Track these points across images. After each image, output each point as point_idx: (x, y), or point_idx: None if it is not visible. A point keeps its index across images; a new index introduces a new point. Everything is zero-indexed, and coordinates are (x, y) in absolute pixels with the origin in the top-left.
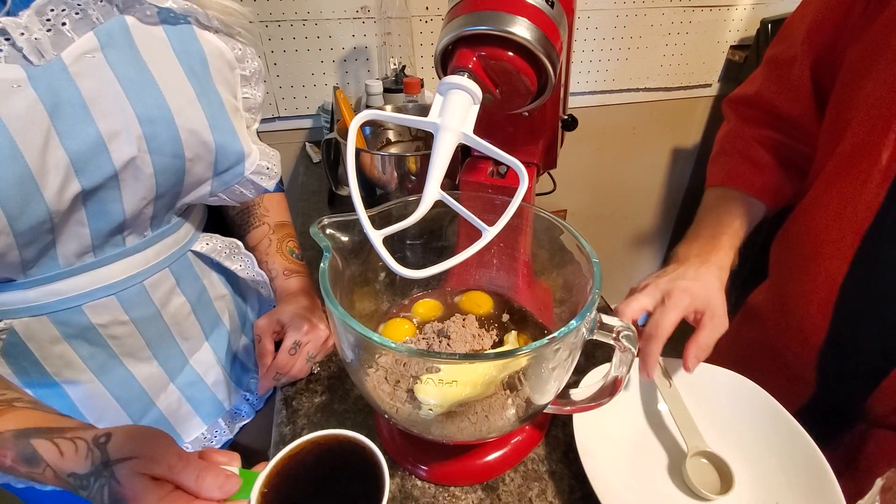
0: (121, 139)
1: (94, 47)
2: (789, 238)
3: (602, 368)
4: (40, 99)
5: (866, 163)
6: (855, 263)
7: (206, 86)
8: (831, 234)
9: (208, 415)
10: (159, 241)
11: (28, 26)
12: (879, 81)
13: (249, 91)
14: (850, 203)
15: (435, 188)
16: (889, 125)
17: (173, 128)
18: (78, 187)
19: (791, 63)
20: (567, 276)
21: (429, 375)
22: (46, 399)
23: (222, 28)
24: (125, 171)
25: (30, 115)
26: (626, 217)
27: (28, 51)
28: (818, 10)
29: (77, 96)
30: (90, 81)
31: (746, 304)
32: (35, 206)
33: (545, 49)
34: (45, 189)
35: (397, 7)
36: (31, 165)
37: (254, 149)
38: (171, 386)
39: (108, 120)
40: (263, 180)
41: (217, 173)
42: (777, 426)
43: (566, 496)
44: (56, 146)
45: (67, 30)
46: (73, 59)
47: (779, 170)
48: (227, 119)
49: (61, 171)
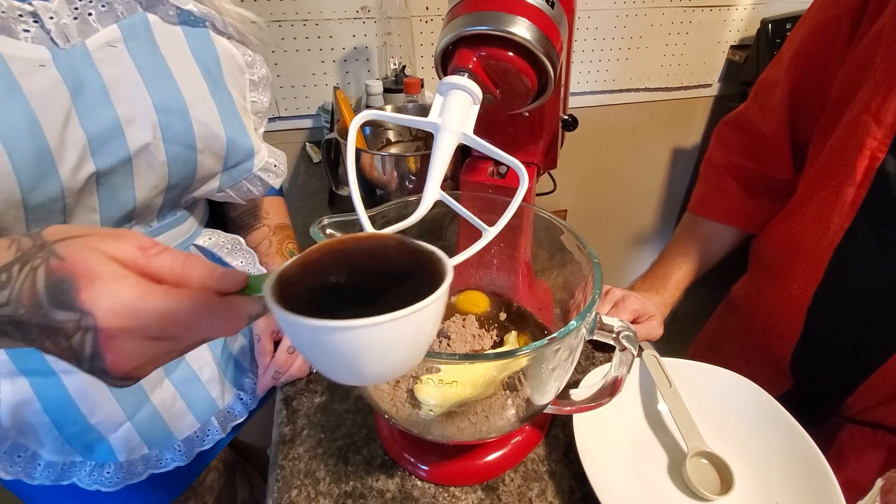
0: (137, 125)
1: (116, 38)
2: (769, 241)
3: (602, 368)
4: (63, 80)
5: (840, 179)
6: (828, 274)
7: (218, 85)
8: (806, 245)
9: (202, 413)
10: (164, 233)
11: (58, 11)
12: (859, 102)
13: (257, 96)
14: (825, 216)
15: (435, 188)
16: (863, 144)
17: (187, 118)
18: (93, 167)
19: (775, 86)
20: (567, 276)
21: (429, 375)
22: (43, 388)
23: (235, 35)
24: (139, 157)
25: (52, 94)
26: (626, 217)
27: (55, 34)
28: (804, 36)
29: (98, 81)
30: (111, 68)
31: (729, 296)
32: (50, 182)
33: (545, 49)
34: (62, 166)
35: (397, 7)
36: (49, 141)
37: (262, 146)
38: (165, 381)
39: (126, 106)
40: (271, 178)
41: (227, 168)
42: (777, 426)
43: (566, 496)
44: (75, 126)
45: (93, 20)
46: (97, 46)
47: (746, 197)
48: (238, 116)
49: (78, 150)
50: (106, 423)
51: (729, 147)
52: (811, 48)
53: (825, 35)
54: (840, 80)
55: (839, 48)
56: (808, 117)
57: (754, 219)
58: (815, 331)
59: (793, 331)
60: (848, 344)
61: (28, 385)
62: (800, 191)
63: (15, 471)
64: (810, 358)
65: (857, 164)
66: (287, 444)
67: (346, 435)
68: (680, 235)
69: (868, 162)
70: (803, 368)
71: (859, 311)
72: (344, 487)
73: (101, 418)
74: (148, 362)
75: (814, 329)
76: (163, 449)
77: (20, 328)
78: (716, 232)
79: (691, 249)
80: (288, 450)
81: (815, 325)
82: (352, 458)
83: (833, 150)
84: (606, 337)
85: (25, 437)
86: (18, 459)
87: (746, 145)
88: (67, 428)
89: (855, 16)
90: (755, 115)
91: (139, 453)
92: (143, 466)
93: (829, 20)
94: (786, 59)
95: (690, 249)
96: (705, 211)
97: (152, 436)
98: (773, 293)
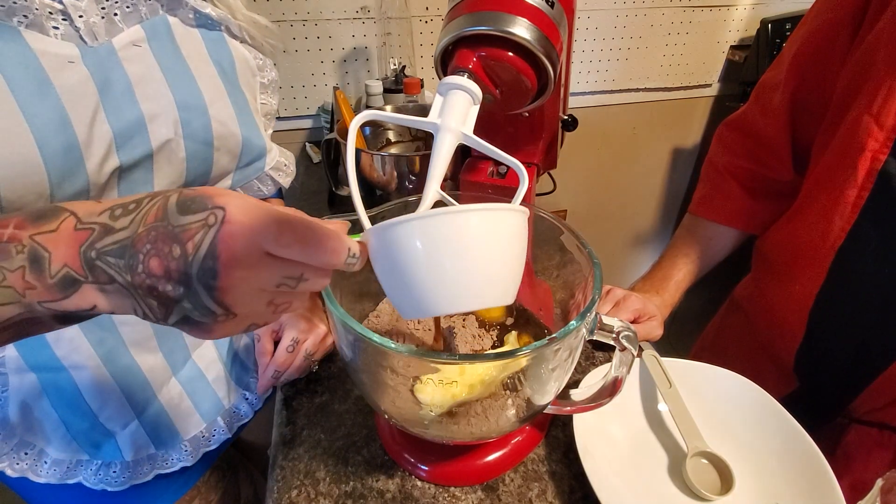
0: (159, 121)
1: (140, 38)
2: (773, 242)
3: (602, 368)
4: (91, 76)
5: (842, 181)
6: (830, 277)
7: (233, 85)
8: (809, 247)
9: (208, 412)
10: None
11: (87, 10)
12: (860, 103)
13: (266, 98)
14: (827, 218)
15: (435, 188)
16: (865, 146)
17: (206, 116)
18: (117, 162)
19: (776, 88)
20: (567, 276)
21: (429, 375)
22: (52, 383)
23: (248, 40)
24: (160, 153)
25: (81, 89)
26: (626, 217)
27: (84, 32)
28: (805, 38)
29: (124, 78)
30: (136, 67)
31: (732, 296)
32: (77, 177)
33: (545, 49)
34: (89, 160)
35: (397, 7)
36: (78, 136)
37: (273, 146)
38: (173, 379)
39: (150, 102)
40: (281, 177)
41: (240, 166)
42: (777, 427)
43: (566, 496)
44: (102, 121)
45: (118, 20)
46: (122, 45)
47: (748, 198)
48: (252, 116)
49: (104, 145)
50: (114, 419)
51: (730, 148)
52: (812, 50)
53: (826, 37)
54: (842, 81)
55: (840, 50)
56: (809, 119)
57: (755, 220)
58: (818, 332)
59: (796, 332)
60: (851, 345)
61: (37, 380)
62: (803, 192)
63: (21, 468)
64: (814, 359)
65: (859, 166)
66: (287, 444)
67: (346, 435)
68: (680, 237)
69: (870, 164)
70: (807, 369)
71: (862, 312)
72: (344, 487)
73: (109, 414)
74: (249, 294)
75: (816, 330)
76: (169, 449)
77: (126, 253)
78: (717, 233)
79: (692, 251)
80: (288, 450)
81: (817, 327)
82: (352, 458)
83: (835, 152)
84: (606, 337)
85: (33, 434)
86: (25, 456)
87: (747, 147)
88: (75, 424)
89: (856, 17)
90: (756, 116)
91: (146, 452)
92: (149, 466)
93: (830, 22)
94: (787, 61)
95: (691, 251)
96: (706, 212)
97: (159, 435)
98: (777, 294)
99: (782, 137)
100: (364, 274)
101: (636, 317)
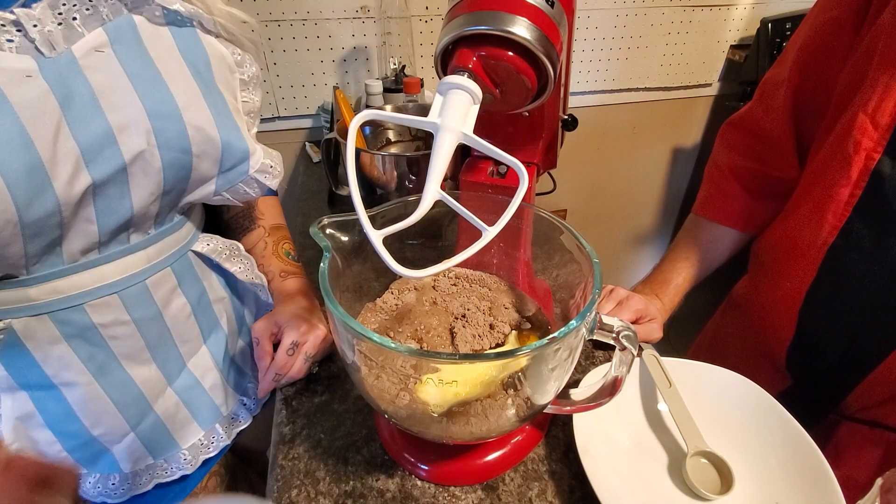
0: (130, 132)
1: (103, 42)
2: (767, 240)
3: (602, 368)
4: (51, 89)
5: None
6: (820, 274)
7: (209, 86)
8: (801, 244)
9: (206, 420)
10: (162, 240)
11: (41, 18)
12: (857, 102)
13: (248, 95)
14: (820, 215)
15: (435, 188)
16: (859, 144)
17: (181, 123)
18: (88, 179)
19: (779, 86)
20: (567, 276)
21: (429, 375)
22: (44, 402)
23: (225, 35)
24: (134, 165)
25: (41, 105)
26: (626, 217)
27: (40, 42)
28: (807, 36)
29: (87, 88)
30: (100, 75)
31: (730, 295)
32: (45, 198)
33: (545, 49)
34: (56, 180)
35: (397, 7)
36: (42, 155)
37: (257, 148)
38: (168, 390)
39: (118, 113)
40: (268, 179)
41: (222, 171)
42: (777, 426)
43: (566, 496)
44: (67, 136)
45: (77, 24)
46: (83, 52)
47: (748, 199)
48: (231, 117)
49: (71, 162)
50: (109, 434)
51: (733, 148)
52: (814, 48)
53: (829, 34)
54: (842, 79)
55: (842, 48)
56: (812, 117)
57: (756, 221)
58: (809, 329)
59: (787, 329)
60: (841, 343)
61: (29, 399)
62: (798, 190)
63: None
64: (805, 356)
65: (853, 164)
66: (287, 443)
67: (346, 435)
68: (682, 239)
69: (864, 162)
70: (799, 366)
71: (851, 310)
72: (344, 487)
73: (103, 430)
74: None
75: (807, 327)
76: (168, 458)
77: None
78: (718, 236)
79: (692, 254)
80: (288, 450)
81: (808, 324)
82: (352, 458)
83: (829, 150)
84: (606, 337)
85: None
86: None
87: (751, 146)
88: (69, 441)
89: (858, 15)
90: (759, 115)
91: (144, 463)
92: (148, 476)
93: (832, 19)
94: (790, 59)
95: (692, 254)
96: (707, 213)
97: (157, 445)
98: (769, 291)
99: (786, 135)
100: (364, 273)
101: (638, 317)
